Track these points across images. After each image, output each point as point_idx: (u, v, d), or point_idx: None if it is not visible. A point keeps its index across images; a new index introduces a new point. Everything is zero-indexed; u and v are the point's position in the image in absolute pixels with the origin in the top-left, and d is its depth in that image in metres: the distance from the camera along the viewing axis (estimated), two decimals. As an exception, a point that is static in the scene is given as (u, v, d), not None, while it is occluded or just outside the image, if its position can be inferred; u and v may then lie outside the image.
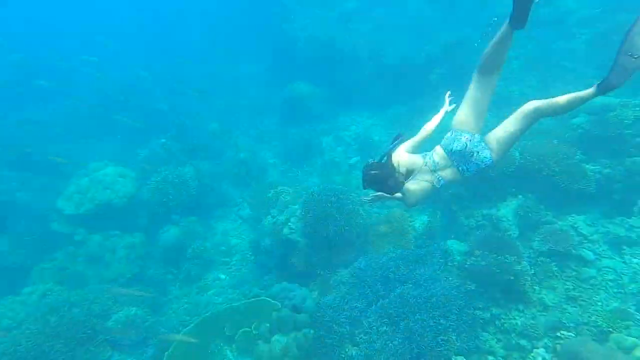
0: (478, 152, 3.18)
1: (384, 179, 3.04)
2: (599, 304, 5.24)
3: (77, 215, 8.32)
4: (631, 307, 5.18)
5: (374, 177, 3.03)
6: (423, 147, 3.60)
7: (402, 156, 3.36)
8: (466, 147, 3.18)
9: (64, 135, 12.62)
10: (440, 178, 3.30)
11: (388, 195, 3.28)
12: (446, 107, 3.67)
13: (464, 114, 3.27)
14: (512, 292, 5.15)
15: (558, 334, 4.80)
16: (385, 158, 3.08)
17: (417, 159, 3.37)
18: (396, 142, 3.18)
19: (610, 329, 4.75)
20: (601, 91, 2.79)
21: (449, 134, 3.39)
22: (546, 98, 3.07)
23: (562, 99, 2.95)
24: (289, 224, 6.39)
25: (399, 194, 3.28)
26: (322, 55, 11.61)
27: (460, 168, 3.27)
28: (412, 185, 3.21)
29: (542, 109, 3.03)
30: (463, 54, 10.62)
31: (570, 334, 4.78)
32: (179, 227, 8.20)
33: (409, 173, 3.30)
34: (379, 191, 3.23)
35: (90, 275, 7.99)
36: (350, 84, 11.42)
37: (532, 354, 4.62)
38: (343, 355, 4.71)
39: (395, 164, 3.16)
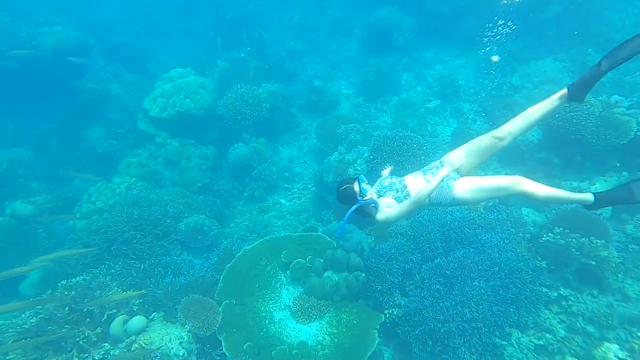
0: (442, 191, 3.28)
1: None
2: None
3: (160, 118, 8.79)
4: None
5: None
6: None
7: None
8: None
9: (145, 32, 12.97)
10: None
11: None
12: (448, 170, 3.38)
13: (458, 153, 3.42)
14: (588, 275, 4.71)
15: (637, 329, 4.37)
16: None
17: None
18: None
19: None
20: (597, 206, 2.98)
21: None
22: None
23: (549, 193, 3.06)
24: (356, 164, 6.22)
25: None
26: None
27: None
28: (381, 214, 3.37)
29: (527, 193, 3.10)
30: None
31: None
32: (248, 146, 8.39)
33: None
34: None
35: (166, 177, 8.66)
36: (442, 14, 10.16)
37: (603, 346, 4.26)
38: (391, 303, 4.78)
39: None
